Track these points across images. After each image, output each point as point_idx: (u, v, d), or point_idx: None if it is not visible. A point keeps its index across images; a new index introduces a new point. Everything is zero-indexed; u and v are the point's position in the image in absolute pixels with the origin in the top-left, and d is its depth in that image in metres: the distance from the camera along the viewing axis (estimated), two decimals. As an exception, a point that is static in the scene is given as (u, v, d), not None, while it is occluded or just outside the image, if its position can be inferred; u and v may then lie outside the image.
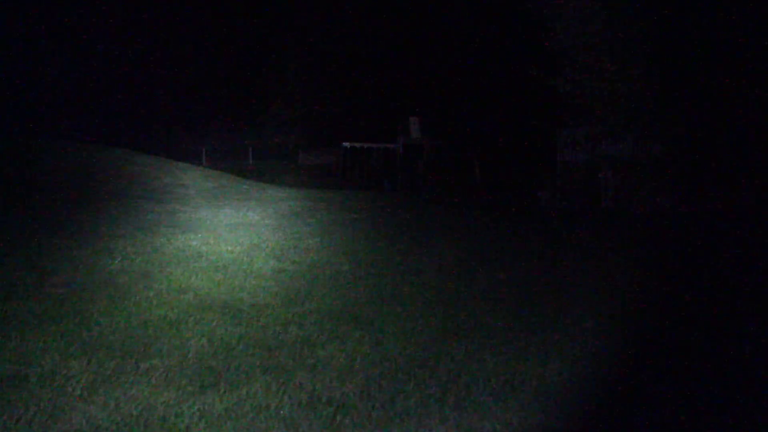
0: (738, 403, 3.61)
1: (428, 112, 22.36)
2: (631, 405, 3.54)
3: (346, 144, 19.88)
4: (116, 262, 6.47)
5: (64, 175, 13.18)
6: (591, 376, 3.87)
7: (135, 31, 28.12)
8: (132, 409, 3.28)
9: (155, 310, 4.96)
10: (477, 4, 22.00)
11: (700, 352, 4.43)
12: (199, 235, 8.15)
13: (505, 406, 3.46)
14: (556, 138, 16.56)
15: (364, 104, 27.52)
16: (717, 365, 4.16)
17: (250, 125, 32.04)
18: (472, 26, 22.37)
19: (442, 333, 4.66)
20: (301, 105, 31.28)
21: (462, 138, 22.29)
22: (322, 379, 3.75)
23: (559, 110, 14.92)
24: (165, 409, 3.29)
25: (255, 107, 31.76)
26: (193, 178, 15.44)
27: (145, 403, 3.35)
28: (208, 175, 17.04)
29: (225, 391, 3.53)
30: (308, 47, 29.50)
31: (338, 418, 3.28)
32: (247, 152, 31.69)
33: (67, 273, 5.95)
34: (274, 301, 5.36)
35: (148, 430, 3.09)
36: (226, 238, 8.12)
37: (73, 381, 3.58)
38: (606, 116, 13.99)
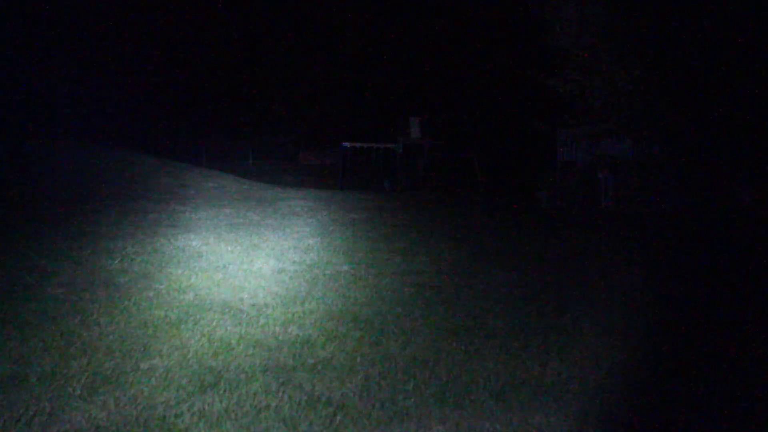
0: (738, 403, 3.61)
1: (428, 112, 22.35)
2: (631, 405, 3.54)
3: (346, 144, 19.85)
4: (116, 262, 6.47)
5: (64, 175, 13.18)
6: (591, 376, 3.87)
7: (135, 31, 28.14)
8: (132, 409, 3.28)
9: (155, 310, 4.96)
10: (477, 4, 22.03)
11: (701, 351, 4.43)
12: (199, 235, 8.15)
13: (505, 406, 3.46)
14: (555, 138, 16.58)
15: (364, 104, 27.53)
16: (718, 365, 4.16)
17: (250, 125, 32.04)
18: (472, 26, 22.39)
19: (442, 333, 4.66)
20: (301, 105, 31.29)
21: (462, 138, 22.28)
22: (322, 379, 3.75)
23: (559, 110, 14.93)
24: (165, 409, 3.29)
25: (255, 107, 31.77)
26: (193, 178, 15.45)
27: (145, 403, 3.35)
28: (208, 175, 17.05)
29: (225, 391, 3.53)
30: (308, 47, 29.51)
31: (338, 418, 3.28)
32: (247, 152, 31.68)
33: (67, 273, 5.95)
34: (274, 301, 5.36)
35: (148, 430, 3.09)
36: (226, 238, 8.12)
37: (73, 381, 3.58)
38: (606, 116, 14.01)
